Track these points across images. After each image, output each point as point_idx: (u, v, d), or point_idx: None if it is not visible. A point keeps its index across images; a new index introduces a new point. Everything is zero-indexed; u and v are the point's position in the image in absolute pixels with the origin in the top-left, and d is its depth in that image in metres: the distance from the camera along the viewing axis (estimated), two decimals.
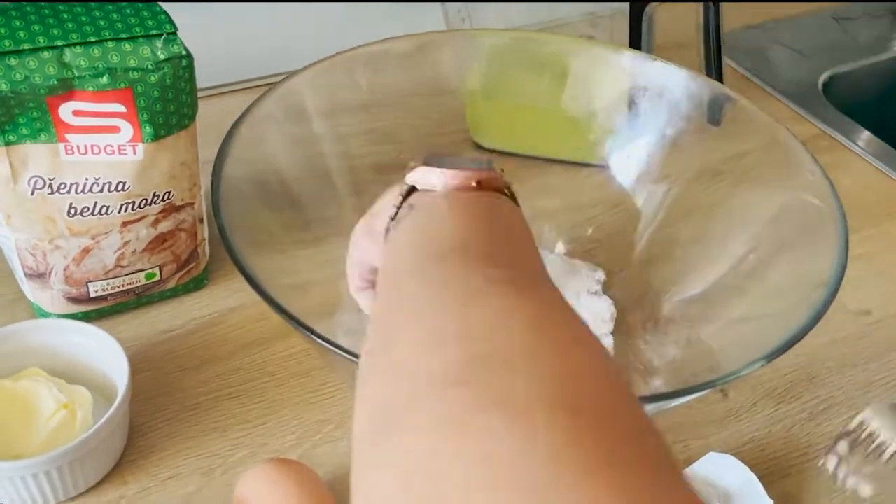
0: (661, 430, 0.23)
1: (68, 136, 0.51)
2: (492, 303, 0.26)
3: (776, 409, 0.58)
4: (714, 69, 0.76)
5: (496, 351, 0.24)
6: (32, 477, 0.47)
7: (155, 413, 0.55)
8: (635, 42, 0.70)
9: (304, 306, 0.47)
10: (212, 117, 0.62)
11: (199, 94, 0.56)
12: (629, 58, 0.62)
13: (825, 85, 0.90)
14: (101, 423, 0.47)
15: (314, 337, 0.39)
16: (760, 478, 0.54)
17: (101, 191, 0.53)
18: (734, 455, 0.55)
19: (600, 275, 0.63)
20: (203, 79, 0.55)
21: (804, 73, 0.91)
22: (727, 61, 0.91)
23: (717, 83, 0.64)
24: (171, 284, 0.61)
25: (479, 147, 0.72)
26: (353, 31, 0.66)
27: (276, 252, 0.52)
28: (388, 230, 0.36)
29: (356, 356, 0.38)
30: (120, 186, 0.53)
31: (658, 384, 0.55)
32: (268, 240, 0.52)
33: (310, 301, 0.47)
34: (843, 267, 0.47)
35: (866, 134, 0.83)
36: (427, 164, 0.37)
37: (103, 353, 0.52)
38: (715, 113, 0.63)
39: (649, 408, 0.46)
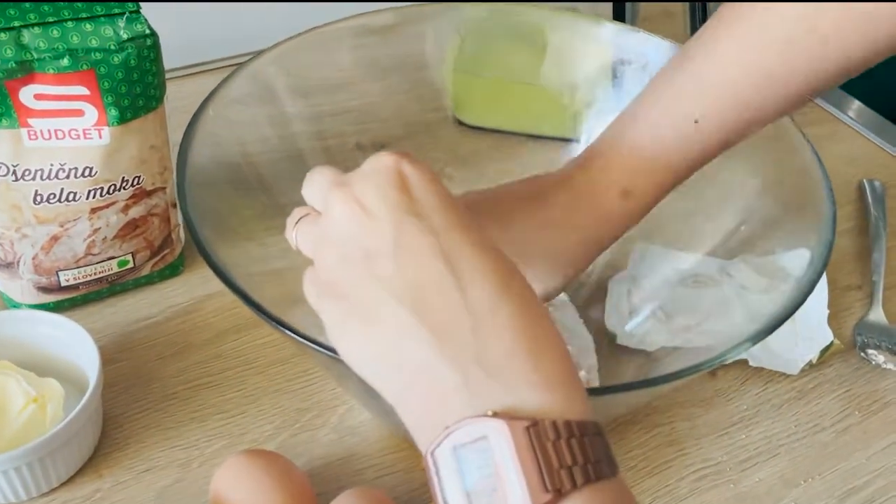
0: None
1: (31, 120, 0.49)
2: None
3: (764, 388, 0.57)
4: None
5: None
6: (2, 473, 0.45)
7: (131, 404, 0.53)
8: (619, 11, 0.68)
9: (279, 293, 0.45)
10: (181, 99, 0.61)
11: (170, 75, 0.55)
12: (612, 29, 0.60)
13: None
14: (72, 416, 0.46)
15: (281, 327, 0.38)
16: (746, 459, 0.53)
17: (68, 177, 0.51)
18: (723, 434, 0.54)
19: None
20: (173, 59, 0.53)
21: None
22: None
23: None
24: (146, 272, 0.59)
25: (461, 124, 0.70)
26: (328, 8, 0.64)
27: (248, 239, 0.50)
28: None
29: (327, 348, 0.36)
30: (87, 172, 0.52)
31: (645, 367, 0.54)
32: (239, 226, 0.51)
33: (284, 288, 0.45)
34: (831, 244, 0.46)
35: (857, 104, 0.82)
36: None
37: (74, 343, 0.51)
38: None
39: (637, 393, 0.45)
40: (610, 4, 0.69)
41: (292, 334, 0.38)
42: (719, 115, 0.42)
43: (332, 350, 0.34)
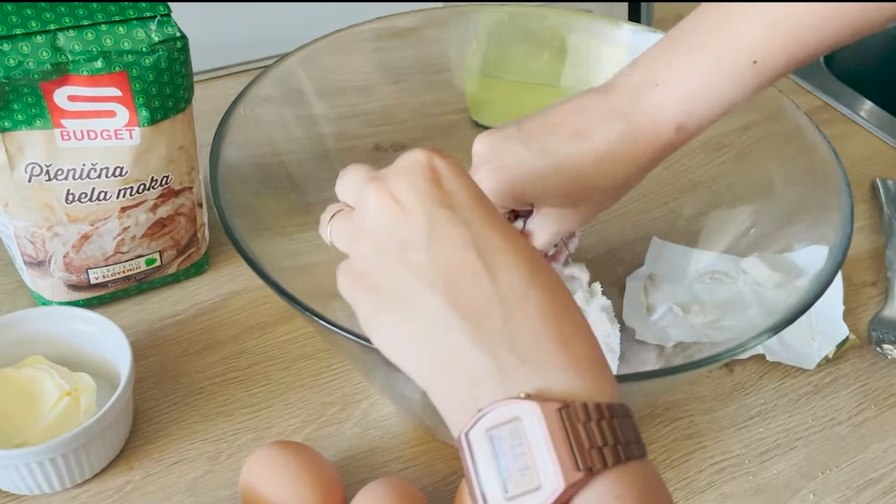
0: None
1: (64, 121, 0.50)
2: None
3: (781, 382, 0.58)
4: None
5: None
6: (38, 464, 0.47)
7: (160, 398, 0.55)
8: (634, 15, 0.69)
9: (306, 288, 0.47)
10: (208, 102, 0.62)
11: (197, 78, 0.56)
12: (629, 31, 0.61)
13: (826, 56, 0.89)
14: (105, 409, 0.47)
15: (315, 317, 0.39)
16: (765, 451, 0.54)
17: (99, 176, 0.53)
18: (741, 428, 0.55)
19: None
20: (198, 63, 0.55)
21: None
22: None
23: None
24: (172, 270, 0.61)
25: (478, 126, 0.71)
26: (349, 13, 0.65)
27: (277, 235, 0.52)
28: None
29: (358, 336, 0.37)
30: (117, 172, 0.53)
31: (663, 361, 0.55)
32: (268, 222, 0.52)
33: (311, 283, 0.46)
34: (850, 236, 0.47)
35: (869, 104, 0.83)
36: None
37: (105, 339, 0.52)
38: None
39: (656, 383, 0.46)
40: (625, 7, 0.70)
41: (326, 324, 0.39)
42: (776, 54, 0.43)
43: (366, 339, 0.35)
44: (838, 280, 0.63)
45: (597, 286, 0.59)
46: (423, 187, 0.34)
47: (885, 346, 0.60)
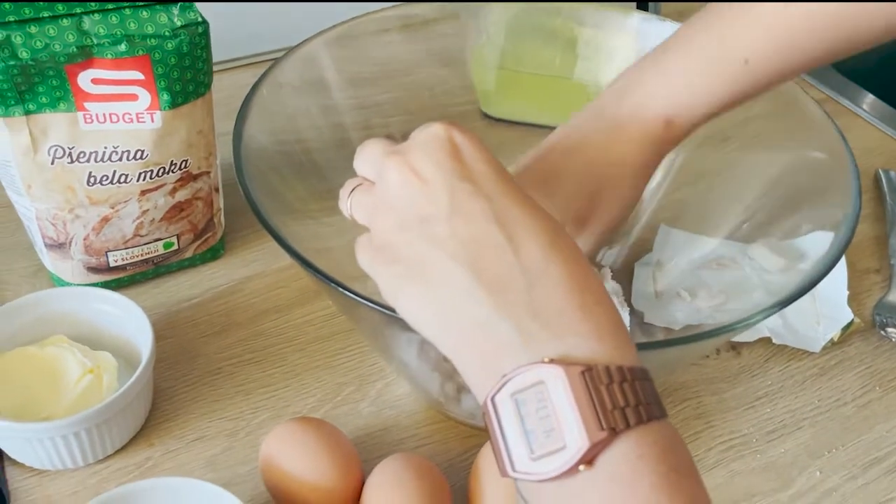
0: None
1: (87, 104, 0.51)
2: None
3: (787, 365, 0.59)
4: None
5: None
6: (62, 438, 0.47)
7: (179, 378, 0.56)
8: (642, 8, 0.70)
9: (328, 269, 0.47)
10: (223, 91, 0.63)
11: (215, 68, 0.57)
12: (638, 19, 0.63)
13: None
14: (128, 385, 0.48)
15: (341, 288, 0.40)
16: (772, 431, 0.55)
17: (120, 159, 0.54)
18: (748, 408, 0.56)
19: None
20: (218, 52, 0.56)
21: None
22: None
23: None
24: (189, 254, 0.62)
25: (488, 117, 0.72)
26: (365, 8, 0.66)
27: (297, 216, 0.52)
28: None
29: (383, 306, 0.38)
30: (138, 155, 0.54)
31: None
32: (289, 204, 0.53)
33: (331, 265, 0.47)
34: (857, 216, 0.48)
35: (871, 97, 0.84)
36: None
37: (126, 319, 0.53)
38: None
39: (668, 352, 0.46)
40: (632, 6, 0.71)
41: (352, 294, 0.40)
42: (769, 55, 0.44)
43: (390, 309, 0.36)
44: (842, 265, 0.64)
45: (606, 271, 0.60)
46: (444, 161, 0.35)
47: (889, 330, 0.61)
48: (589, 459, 0.30)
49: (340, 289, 0.40)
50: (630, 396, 0.31)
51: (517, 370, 0.31)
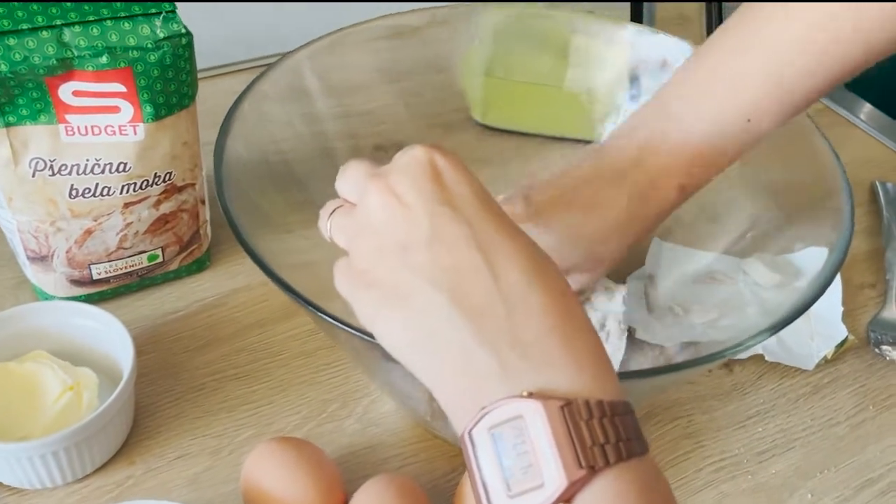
0: None
1: (68, 116, 0.51)
2: None
3: (780, 382, 0.58)
4: None
5: None
6: (40, 458, 0.47)
7: (161, 394, 0.55)
8: (636, 15, 0.69)
9: (309, 285, 0.47)
10: (211, 99, 0.62)
11: (200, 75, 0.56)
12: (631, 31, 0.62)
13: None
14: (108, 403, 0.47)
15: (319, 313, 0.39)
16: (763, 451, 0.54)
17: (103, 172, 0.53)
18: (739, 427, 0.55)
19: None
20: (201, 60, 0.55)
21: None
22: None
23: None
24: (174, 266, 0.61)
25: (479, 125, 0.71)
26: (354, 10, 0.66)
27: (281, 231, 0.52)
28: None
29: (362, 332, 0.38)
30: (121, 167, 0.53)
31: (663, 361, 0.55)
32: (272, 218, 0.52)
33: (314, 280, 0.46)
34: (849, 239, 0.47)
35: (868, 107, 0.83)
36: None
37: (107, 334, 0.52)
38: None
39: (656, 380, 0.46)
40: (627, 7, 0.70)
41: (330, 319, 0.39)
42: (768, 111, 0.46)
43: (369, 335, 0.35)
44: (837, 281, 0.63)
45: (619, 293, 0.58)
46: (425, 185, 0.34)
47: (884, 348, 0.60)
48: (567, 498, 0.29)
49: (320, 313, 0.39)
50: (610, 432, 0.30)
51: (495, 403, 0.31)
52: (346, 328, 0.38)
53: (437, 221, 0.34)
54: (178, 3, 0.52)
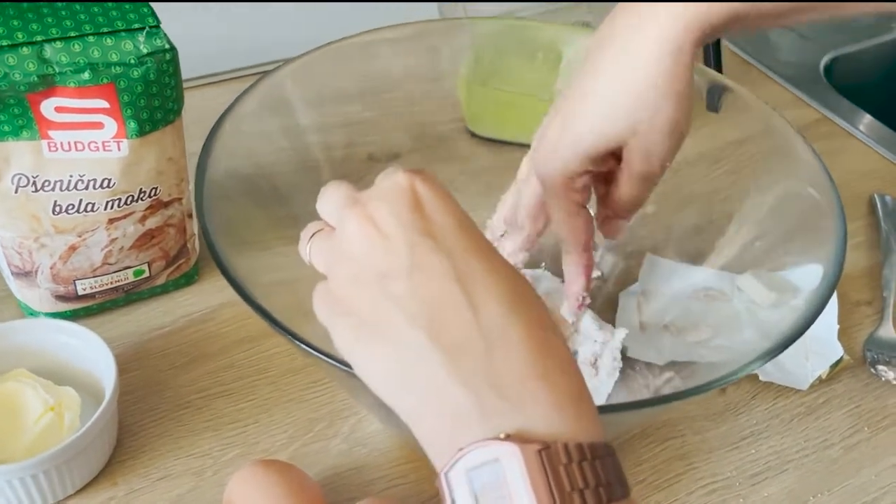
0: None
1: (51, 132, 0.50)
2: None
3: (774, 403, 0.57)
4: (713, 54, 0.74)
5: None
6: (19, 481, 0.46)
7: (146, 412, 0.54)
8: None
9: (294, 303, 0.46)
10: (201, 108, 0.61)
11: (189, 85, 0.55)
12: None
13: (827, 67, 0.89)
14: (89, 425, 0.47)
15: (298, 342, 0.39)
16: (756, 473, 0.53)
17: (86, 188, 0.52)
18: (732, 449, 0.54)
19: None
20: (192, 69, 0.54)
21: (805, 56, 0.90)
22: (727, 44, 0.90)
23: (712, 71, 0.62)
24: (161, 281, 0.60)
25: (474, 136, 0.70)
26: (345, 19, 0.65)
27: (264, 249, 0.51)
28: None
29: (342, 362, 0.37)
30: (105, 183, 0.52)
31: (659, 384, 0.54)
32: (255, 236, 0.51)
33: (298, 298, 0.46)
34: (841, 263, 0.46)
35: (868, 118, 0.82)
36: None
37: (90, 352, 0.51)
38: (714, 99, 0.61)
39: (649, 410, 0.45)
40: None
41: (306, 347, 0.38)
42: None
43: (347, 364, 0.35)
44: (833, 299, 0.62)
45: (620, 332, 0.57)
46: (405, 214, 0.33)
47: (880, 367, 0.59)
48: None
49: (296, 340, 0.38)
50: (590, 476, 0.29)
51: (472, 445, 0.30)
52: (322, 356, 0.37)
53: (417, 252, 0.33)
54: (171, 11, 0.51)
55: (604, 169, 0.46)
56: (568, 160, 0.45)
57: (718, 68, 0.74)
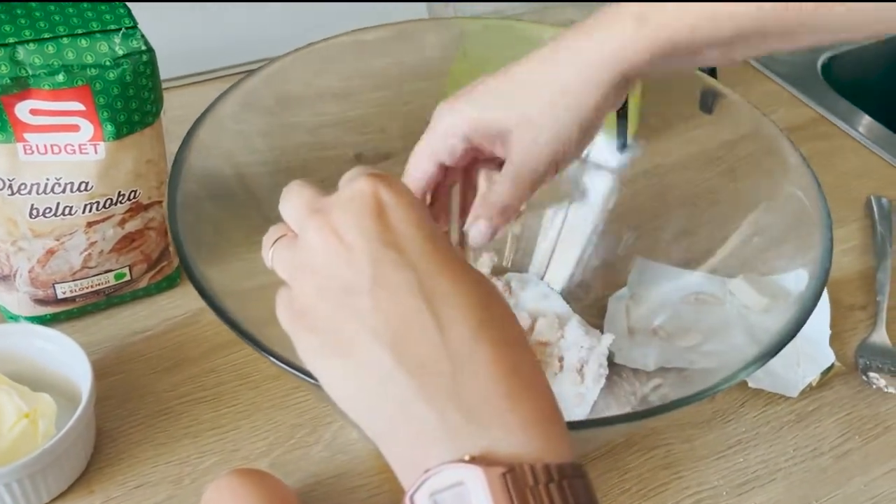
0: None
1: (26, 135, 0.49)
2: None
3: (763, 410, 0.56)
4: None
5: None
6: None
7: (125, 418, 0.53)
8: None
9: (269, 310, 0.45)
10: (182, 108, 0.60)
11: (171, 85, 0.54)
12: None
13: (824, 67, 0.88)
14: (62, 434, 0.46)
15: (267, 354, 0.38)
16: (743, 483, 0.52)
17: (63, 191, 0.51)
18: (720, 457, 0.54)
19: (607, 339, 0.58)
20: (176, 68, 0.53)
21: (803, 55, 0.88)
22: None
23: (703, 74, 0.61)
24: (143, 284, 0.59)
25: None
26: (334, 23, 0.64)
27: (247, 253, 0.50)
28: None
29: (310, 375, 0.36)
30: (82, 186, 0.52)
31: (646, 391, 0.53)
32: (236, 241, 0.50)
33: (273, 304, 0.45)
34: (827, 271, 0.45)
35: (866, 119, 0.81)
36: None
37: (67, 357, 0.51)
38: (707, 101, 0.60)
39: (636, 424, 0.44)
40: None
41: (273, 359, 0.37)
42: None
43: (314, 376, 0.34)
44: (825, 303, 0.61)
45: (607, 337, 0.57)
46: (367, 224, 0.32)
47: (872, 374, 0.58)
48: None
49: (262, 350, 0.38)
50: (557, 499, 0.28)
51: (438, 468, 0.29)
52: (290, 368, 0.37)
53: (380, 265, 0.32)
54: (153, 10, 0.50)
55: (484, 148, 0.46)
56: (460, 111, 0.46)
57: (714, 68, 0.73)
